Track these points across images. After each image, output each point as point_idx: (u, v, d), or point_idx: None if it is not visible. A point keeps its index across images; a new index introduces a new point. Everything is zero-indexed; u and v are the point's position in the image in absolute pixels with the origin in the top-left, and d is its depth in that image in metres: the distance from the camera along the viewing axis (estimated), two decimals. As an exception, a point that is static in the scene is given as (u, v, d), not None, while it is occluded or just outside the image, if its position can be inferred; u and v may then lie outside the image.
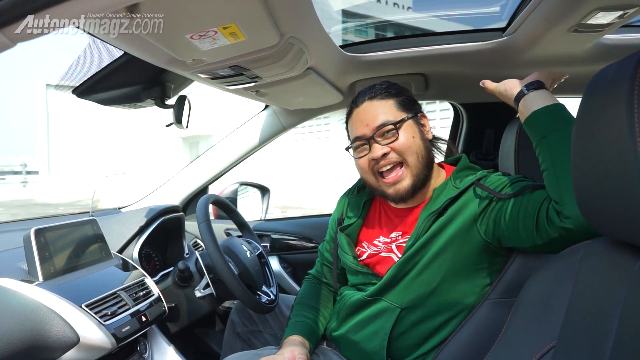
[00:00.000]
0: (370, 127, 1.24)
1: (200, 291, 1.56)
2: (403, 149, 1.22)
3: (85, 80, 1.18)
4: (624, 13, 1.03)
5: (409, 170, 1.23)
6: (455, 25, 1.85)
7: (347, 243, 1.35)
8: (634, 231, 0.63)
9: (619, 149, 0.60)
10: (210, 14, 0.76)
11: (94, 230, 1.43)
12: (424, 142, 1.26)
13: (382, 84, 1.31)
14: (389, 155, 1.23)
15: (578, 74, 1.53)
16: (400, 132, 1.23)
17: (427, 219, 1.19)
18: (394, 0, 2.13)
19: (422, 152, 1.24)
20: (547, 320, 0.83)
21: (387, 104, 1.26)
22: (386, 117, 1.24)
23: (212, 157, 2.15)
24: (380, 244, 1.31)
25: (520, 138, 1.35)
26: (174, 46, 0.89)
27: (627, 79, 0.59)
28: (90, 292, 1.24)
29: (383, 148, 1.22)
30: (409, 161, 1.23)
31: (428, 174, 1.27)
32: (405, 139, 1.23)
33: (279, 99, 1.59)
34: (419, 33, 1.59)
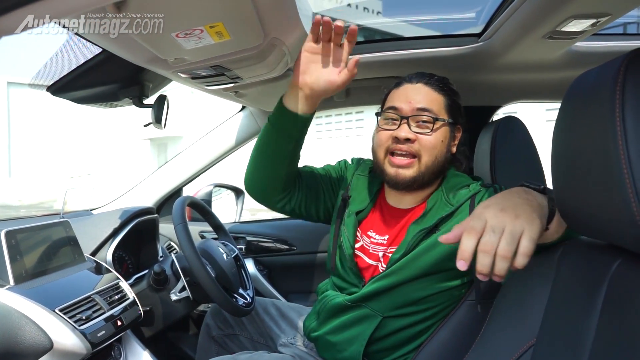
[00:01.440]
0: (411, 107, 1.20)
1: (176, 294, 1.53)
2: (427, 146, 1.19)
3: (60, 78, 1.15)
4: (597, 21, 1.07)
5: (418, 165, 1.20)
6: (425, 31, 1.88)
7: (354, 228, 1.32)
8: (613, 232, 0.65)
9: (601, 152, 0.62)
10: (199, 13, 0.75)
11: (66, 232, 1.39)
12: (447, 152, 1.23)
13: (443, 78, 1.27)
14: (411, 144, 1.19)
15: (550, 80, 1.58)
16: (435, 130, 1.20)
17: (417, 235, 1.18)
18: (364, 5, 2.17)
19: (440, 159, 1.21)
20: (526, 319, 0.85)
21: (438, 98, 1.23)
22: (431, 107, 1.20)
23: (187, 159, 2.12)
24: (370, 239, 1.31)
25: (496, 142, 1.38)
26: (158, 44, 0.88)
27: (608, 84, 0.60)
28: (63, 296, 1.20)
29: (410, 133, 1.19)
30: (424, 159, 1.20)
31: (432, 180, 1.24)
32: (435, 139, 1.20)
33: (258, 100, 1.59)
34: (395, 37, 1.61)
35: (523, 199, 0.84)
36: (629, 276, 0.65)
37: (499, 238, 0.77)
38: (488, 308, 1.02)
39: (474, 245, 0.77)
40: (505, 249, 0.75)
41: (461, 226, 0.81)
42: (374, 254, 1.28)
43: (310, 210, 1.42)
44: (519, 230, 0.77)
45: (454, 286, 1.20)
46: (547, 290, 0.83)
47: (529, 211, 0.81)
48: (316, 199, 1.42)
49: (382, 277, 1.20)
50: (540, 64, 1.45)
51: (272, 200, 1.37)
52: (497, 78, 1.61)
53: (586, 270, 0.75)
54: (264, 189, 1.35)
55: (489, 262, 0.76)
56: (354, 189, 1.39)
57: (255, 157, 1.31)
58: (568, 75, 1.50)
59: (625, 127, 0.57)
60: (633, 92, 0.58)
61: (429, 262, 1.16)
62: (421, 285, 1.18)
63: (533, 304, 0.84)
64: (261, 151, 1.29)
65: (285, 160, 1.27)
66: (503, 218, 0.79)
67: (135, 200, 2.08)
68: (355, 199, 1.36)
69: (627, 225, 0.59)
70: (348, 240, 1.30)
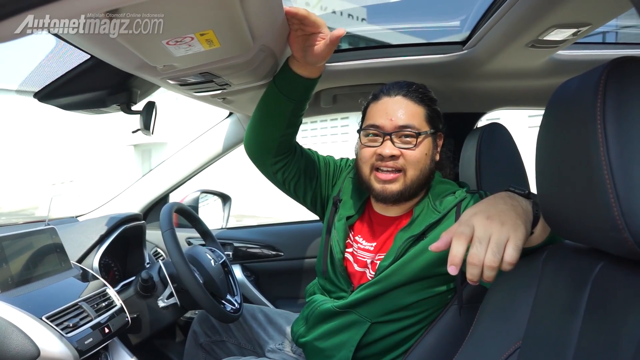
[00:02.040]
0: (393, 124, 1.20)
1: (164, 301, 1.52)
2: (412, 161, 1.20)
3: (48, 84, 1.14)
4: (577, 31, 1.10)
5: (404, 179, 1.21)
6: (410, 38, 1.90)
7: (344, 234, 1.33)
8: (596, 236, 0.67)
9: (583, 158, 0.64)
10: (190, 20, 0.76)
11: (52, 240, 1.37)
12: (431, 163, 1.24)
13: (420, 87, 1.26)
14: (396, 160, 1.20)
15: (533, 87, 1.61)
16: (418, 144, 1.20)
17: (405, 243, 1.19)
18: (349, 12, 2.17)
19: (425, 172, 1.22)
20: (511, 322, 0.86)
21: (418, 110, 1.23)
22: (413, 122, 1.20)
23: (174, 165, 2.12)
24: (358, 245, 1.32)
25: (481, 148, 1.41)
26: (148, 51, 0.88)
27: (590, 92, 0.62)
28: (50, 303, 1.19)
29: (394, 149, 1.20)
30: (409, 173, 1.21)
31: (419, 192, 1.25)
32: (420, 153, 1.20)
33: (246, 107, 1.59)
34: (381, 45, 1.63)
35: (509, 205, 0.86)
36: (611, 278, 0.67)
37: (486, 249, 0.79)
38: (474, 312, 1.04)
39: (463, 250, 0.79)
40: (491, 259, 0.78)
41: (449, 233, 0.83)
42: (362, 260, 1.29)
43: (299, 190, 1.43)
44: (505, 238, 0.79)
45: (441, 291, 1.22)
46: (532, 293, 0.84)
47: (514, 218, 0.83)
48: (309, 182, 1.43)
49: (371, 284, 1.22)
50: (523, 72, 1.48)
51: (265, 162, 1.38)
52: (481, 85, 1.64)
53: (570, 274, 0.77)
54: (259, 147, 1.36)
55: (478, 272, 0.79)
56: (345, 193, 1.40)
57: (255, 115, 1.33)
58: (550, 82, 1.54)
59: (606, 134, 0.59)
60: (613, 100, 0.60)
61: (417, 269, 1.17)
62: (409, 291, 1.20)
63: (518, 307, 0.86)
64: (261, 109, 1.31)
65: (282, 121, 1.28)
66: (489, 227, 0.81)
67: (121, 207, 2.07)
68: (346, 204, 1.37)
69: (608, 229, 0.61)
70: (338, 244, 1.31)
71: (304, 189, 1.43)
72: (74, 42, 0.90)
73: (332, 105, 1.87)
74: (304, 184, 1.42)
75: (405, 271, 1.18)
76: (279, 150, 1.35)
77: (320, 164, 1.45)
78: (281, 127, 1.30)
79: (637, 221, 0.58)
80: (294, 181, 1.41)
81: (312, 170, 1.43)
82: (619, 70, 0.62)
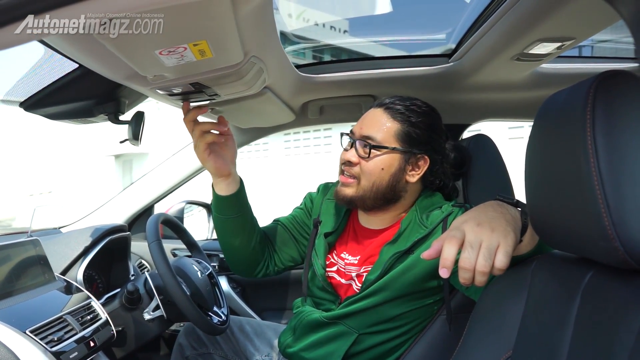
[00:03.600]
0: (361, 131, 1.24)
1: (150, 313, 1.50)
2: (364, 171, 1.22)
3: (34, 94, 1.13)
4: (562, 45, 1.13)
5: (357, 188, 1.24)
6: (396, 51, 1.92)
7: (324, 250, 1.34)
8: (586, 245, 0.68)
9: (573, 168, 0.65)
10: (184, 30, 0.76)
11: (36, 251, 1.34)
12: (392, 180, 1.22)
13: (411, 105, 1.25)
14: (352, 166, 1.24)
15: (518, 99, 1.64)
16: (373, 156, 1.21)
17: (392, 257, 1.19)
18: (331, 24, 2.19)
19: (380, 186, 1.22)
20: (502, 332, 0.87)
21: (391, 125, 1.23)
22: (376, 135, 1.22)
23: (159, 175, 2.10)
24: (343, 261, 1.32)
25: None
26: (139, 60, 0.88)
27: (579, 104, 0.64)
28: (34, 317, 1.16)
29: (354, 156, 1.23)
30: (362, 183, 1.23)
31: (379, 205, 1.26)
32: (374, 166, 1.21)
33: (234, 117, 1.59)
34: (368, 57, 1.64)
35: (498, 213, 0.87)
36: (601, 288, 0.68)
37: (477, 254, 0.80)
38: (462, 322, 1.04)
39: (454, 252, 0.81)
40: (483, 264, 0.79)
41: (440, 240, 0.84)
42: (348, 275, 1.29)
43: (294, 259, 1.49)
44: (495, 243, 0.81)
45: (429, 303, 1.23)
46: (522, 303, 0.85)
47: (504, 224, 0.84)
48: (295, 248, 1.48)
49: (359, 298, 1.22)
50: (508, 84, 1.51)
51: (253, 272, 1.45)
52: (467, 97, 1.67)
53: (560, 283, 0.78)
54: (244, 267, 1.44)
55: (470, 277, 0.81)
56: (324, 213, 1.42)
57: (221, 244, 1.42)
58: (534, 94, 1.57)
59: (596, 145, 0.61)
60: (602, 112, 0.61)
61: (405, 284, 1.18)
62: (397, 304, 1.20)
63: (508, 317, 0.86)
64: (221, 237, 1.40)
65: (241, 237, 1.36)
66: (480, 232, 0.82)
67: (105, 218, 2.04)
68: (326, 223, 1.39)
69: (599, 238, 0.62)
70: (319, 262, 1.32)
71: (298, 255, 1.49)
72: (64, 51, 0.89)
73: (318, 116, 1.88)
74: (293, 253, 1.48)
75: (394, 287, 1.19)
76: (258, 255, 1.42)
77: (291, 227, 1.50)
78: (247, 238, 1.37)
79: (628, 231, 0.59)
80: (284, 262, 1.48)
81: (289, 240, 1.49)
82: (606, 83, 0.63)
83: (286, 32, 1.74)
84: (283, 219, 1.51)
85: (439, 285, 1.20)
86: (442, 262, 0.80)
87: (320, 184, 1.55)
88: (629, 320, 0.57)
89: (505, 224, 0.85)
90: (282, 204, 1.56)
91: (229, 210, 1.32)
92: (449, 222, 1.19)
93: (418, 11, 1.76)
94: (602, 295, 0.66)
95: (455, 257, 0.81)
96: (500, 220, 0.85)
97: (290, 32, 1.76)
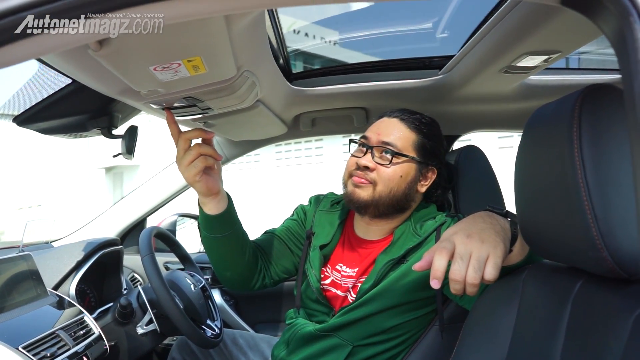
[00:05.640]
0: (377, 139, 1.25)
1: (143, 327, 1.49)
2: (383, 177, 1.22)
3: (28, 109, 1.13)
4: (548, 57, 1.15)
5: (373, 191, 1.23)
6: (383, 48, 1.92)
7: (319, 262, 1.34)
8: (575, 255, 0.70)
9: (561, 180, 0.66)
10: (179, 47, 0.77)
11: (28, 266, 1.34)
12: (407, 189, 1.25)
13: (423, 117, 1.30)
14: (369, 172, 1.23)
15: (506, 111, 1.66)
16: (394, 163, 1.23)
17: (386, 266, 1.20)
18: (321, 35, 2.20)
19: (396, 193, 1.24)
20: (494, 341, 0.87)
21: (408, 135, 1.26)
22: (396, 142, 1.24)
23: (151, 188, 2.10)
24: (340, 274, 1.32)
25: (457, 169, 1.44)
26: (133, 76, 0.88)
27: (566, 116, 0.66)
28: (26, 332, 1.16)
29: (370, 162, 1.23)
30: (378, 188, 1.23)
31: (392, 213, 1.27)
32: (393, 172, 1.23)
33: (226, 130, 1.60)
34: (359, 64, 1.66)
35: (488, 224, 0.89)
36: (591, 297, 0.69)
37: (467, 265, 0.82)
38: (455, 332, 1.05)
39: (445, 263, 0.82)
40: (473, 276, 0.81)
41: (431, 251, 0.85)
42: (345, 286, 1.30)
43: (289, 271, 1.47)
44: (485, 255, 0.82)
45: (422, 314, 1.23)
46: (514, 312, 0.86)
47: (493, 236, 0.86)
48: (291, 259, 1.46)
49: (352, 308, 1.22)
50: (497, 96, 1.53)
51: (250, 285, 1.41)
52: (457, 109, 1.69)
53: (550, 292, 0.79)
54: (238, 282, 1.40)
55: (461, 288, 0.82)
56: (318, 225, 1.42)
57: (213, 263, 1.37)
58: (522, 106, 1.59)
59: (582, 156, 0.62)
60: (589, 124, 0.63)
61: (398, 294, 1.19)
62: (391, 315, 1.20)
63: (501, 327, 0.87)
64: (214, 256, 1.35)
65: (235, 253, 1.32)
66: (470, 244, 0.84)
67: (97, 232, 2.03)
68: (320, 234, 1.39)
69: (588, 249, 0.63)
70: (314, 275, 1.32)
71: (293, 267, 1.47)
72: (58, 67, 0.90)
73: (310, 128, 1.89)
74: (288, 265, 1.46)
75: (387, 296, 1.19)
76: (252, 270, 1.39)
77: (284, 238, 1.48)
78: (238, 255, 1.34)
79: (615, 241, 0.60)
80: (279, 274, 1.46)
81: (283, 251, 1.46)
82: (592, 96, 0.65)
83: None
84: (276, 230, 1.50)
85: (432, 296, 1.20)
86: (433, 273, 0.81)
87: (311, 196, 1.55)
88: (618, 328, 0.59)
89: (494, 235, 0.86)
90: (274, 215, 1.56)
91: (220, 229, 1.28)
92: (442, 231, 1.20)
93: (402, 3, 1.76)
94: (592, 303, 0.67)
95: (446, 269, 0.82)
96: (490, 232, 0.86)
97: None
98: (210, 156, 1.16)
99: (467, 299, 1.11)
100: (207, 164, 1.16)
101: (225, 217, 1.27)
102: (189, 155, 1.14)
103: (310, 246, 1.40)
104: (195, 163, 1.14)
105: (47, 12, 0.48)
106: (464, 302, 1.14)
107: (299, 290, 1.39)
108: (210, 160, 1.17)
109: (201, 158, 1.14)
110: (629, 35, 0.42)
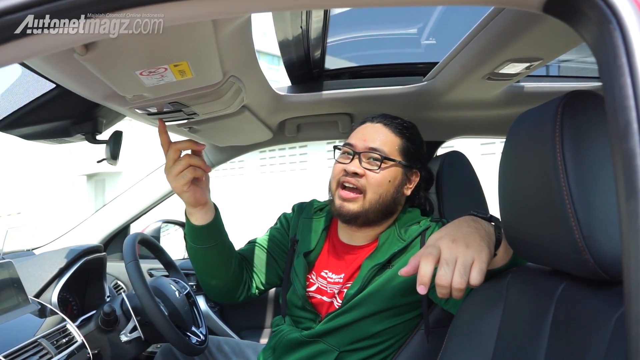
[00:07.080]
0: (364, 145, 1.25)
1: (127, 335, 1.47)
2: (373, 183, 1.23)
3: (10, 114, 1.11)
4: (530, 65, 1.17)
5: (363, 202, 1.23)
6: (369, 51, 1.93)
7: (304, 269, 1.34)
8: (558, 258, 0.71)
9: (544, 184, 0.68)
10: (166, 51, 0.77)
11: (9, 274, 1.31)
12: (395, 193, 1.26)
13: (404, 122, 1.32)
14: (358, 179, 1.23)
15: (489, 117, 1.69)
16: (383, 168, 1.24)
17: (371, 271, 1.21)
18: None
19: (385, 198, 1.25)
20: (480, 343, 0.89)
21: (393, 139, 1.27)
22: (383, 147, 1.25)
23: (134, 195, 2.08)
24: (325, 280, 1.32)
25: (442, 175, 1.46)
26: (119, 81, 0.88)
27: (549, 122, 0.67)
28: (8, 341, 1.13)
29: (359, 168, 1.23)
30: (368, 196, 1.23)
31: (380, 219, 1.28)
32: (382, 177, 1.23)
33: (211, 136, 1.59)
34: (345, 70, 1.67)
35: (472, 228, 0.90)
36: (573, 298, 0.70)
37: (452, 271, 0.83)
38: (441, 336, 1.06)
39: (431, 269, 0.82)
40: (459, 281, 0.82)
41: (417, 256, 0.86)
42: (331, 292, 1.30)
43: (274, 280, 1.47)
44: (470, 260, 0.84)
45: (408, 318, 1.24)
46: (499, 315, 0.87)
47: (478, 240, 0.87)
48: (275, 268, 1.46)
49: (339, 314, 1.22)
50: (481, 102, 1.55)
51: (234, 297, 1.42)
52: (440, 115, 1.71)
53: (534, 295, 0.81)
54: (223, 293, 1.41)
55: (447, 292, 0.83)
56: (301, 232, 1.42)
57: (199, 274, 1.38)
58: (505, 112, 1.62)
59: (565, 161, 0.64)
60: (570, 129, 0.65)
61: (384, 298, 1.19)
62: (377, 320, 1.21)
63: (486, 330, 0.88)
64: (199, 267, 1.36)
65: (220, 264, 1.33)
66: (455, 249, 0.85)
67: (80, 239, 2.00)
68: (304, 241, 1.39)
69: (570, 251, 0.65)
70: (300, 282, 1.32)
71: (277, 276, 1.47)
72: (42, 71, 0.89)
73: (296, 134, 1.89)
74: (272, 275, 1.47)
75: (373, 301, 1.20)
76: (237, 281, 1.40)
77: (267, 248, 1.48)
78: (224, 267, 1.34)
79: (597, 243, 0.61)
80: (264, 284, 1.46)
81: (267, 261, 1.47)
82: (573, 102, 0.67)
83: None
84: (260, 239, 1.50)
85: (418, 300, 1.21)
86: (420, 279, 0.82)
87: (294, 204, 1.55)
88: (601, 329, 0.60)
89: (479, 239, 0.87)
90: (259, 221, 1.55)
91: (206, 239, 1.28)
92: (427, 235, 1.21)
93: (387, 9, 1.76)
94: (575, 305, 0.69)
95: (432, 274, 0.83)
96: (474, 236, 0.88)
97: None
98: (199, 167, 1.17)
99: (452, 303, 1.12)
100: (196, 175, 1.17)
101: (212, 228, 1.27)
102: (178, 166, 1.14)
103: (294, 253, 1.40)
104: (184, 174, 1.15)
105: (47, 11, 0.48)
106: (449, 306, 1.15)
107: (284, 298, 1.39)
108: (199, 172, 1.18)
109: (190, 169, 1.15)
110: (609, 41, 0.44)
